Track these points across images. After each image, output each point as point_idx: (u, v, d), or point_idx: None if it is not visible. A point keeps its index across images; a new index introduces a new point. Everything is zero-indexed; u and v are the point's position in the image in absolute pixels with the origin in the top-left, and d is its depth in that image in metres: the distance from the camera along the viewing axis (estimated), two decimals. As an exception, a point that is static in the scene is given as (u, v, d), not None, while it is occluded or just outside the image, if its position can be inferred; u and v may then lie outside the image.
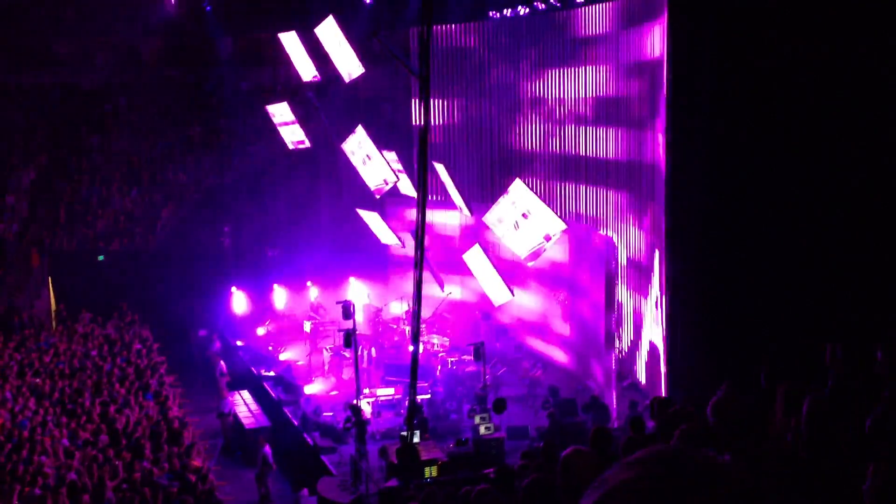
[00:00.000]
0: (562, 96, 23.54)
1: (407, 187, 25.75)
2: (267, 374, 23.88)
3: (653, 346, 19.03)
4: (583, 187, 23.06)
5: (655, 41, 18.29)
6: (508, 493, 8.64)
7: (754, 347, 15.12)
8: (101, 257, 30.23)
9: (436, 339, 24.13)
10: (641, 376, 20.44)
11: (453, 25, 26.36)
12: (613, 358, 20.05)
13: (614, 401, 19.55)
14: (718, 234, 15.91)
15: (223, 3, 31.52)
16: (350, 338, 19.33)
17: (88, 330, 26.24)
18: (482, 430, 17.55)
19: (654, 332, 18.90)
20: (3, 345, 24.63)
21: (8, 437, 18.05)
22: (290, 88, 28.61)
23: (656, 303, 18.36)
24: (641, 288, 20.27)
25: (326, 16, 23.86)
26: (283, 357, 24.85)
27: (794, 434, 6.79)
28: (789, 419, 7.12)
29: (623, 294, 21.53)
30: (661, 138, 17.79)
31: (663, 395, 16.82)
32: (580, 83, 22.83)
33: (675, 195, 16.76)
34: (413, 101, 28.30)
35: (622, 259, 21.30)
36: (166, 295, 27.74)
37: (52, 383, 21.40)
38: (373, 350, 23.12)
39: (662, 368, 17.59)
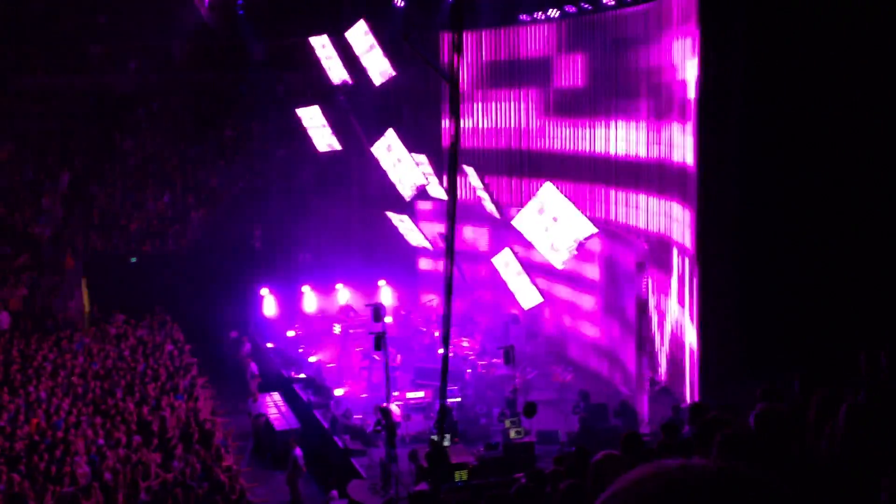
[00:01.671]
0: (593, 99, 23.43)
1: (437, 190, 25.76)
2: (297, 376, 23.95)
3: (685, 351, 18.88)
4: (613, 190, 22.93)
5: (686, 44, 18.15)
6: (540, 499, 8.60)
7: (788, 352, 14.98)
8: (133, 259, 30.51)
9: (465, 343, 24.09)
10: (673, 381, 20.27)
11: (484, 30, 26.33)
12: (645, 362, 19.90)
13: (646, 405, 19.42)
14: (751, 236, 15.78)
15: (255, 6, 31.73)
16: (380, 340, 19.32)
17: (122, 331, 26.48)
18: (512, 434, 17.48)
19: (686, 336, 18.75)
20: (37, 346, 24.92)
21: (42, 437, 18.26)
22: (321, 92, 28.70)
23: (689, 306, 18.21)
24: (674, 291, 20.12)
25: (358, 19, 23.94)
26: (313, 359, 24.92)
27: (829, 442, 6.70)
28: (823, 427, 7.02)
29: (654, 297, 21.37)
30: (692, 139, 17.66)
31: (696, 399, 16.69)
32: (611, 86, 22.71)
33: (707, 197, 16.64)
34: (443, 104, 28.33)
35: (653, 262, 21.14)
36: (198, 297, 27.94)
37: (86, 384, 21.61)
38: (398, 357, 23.05)
39: (694, 373, 17.45)
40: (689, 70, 17.94)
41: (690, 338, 18.02)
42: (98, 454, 17.30)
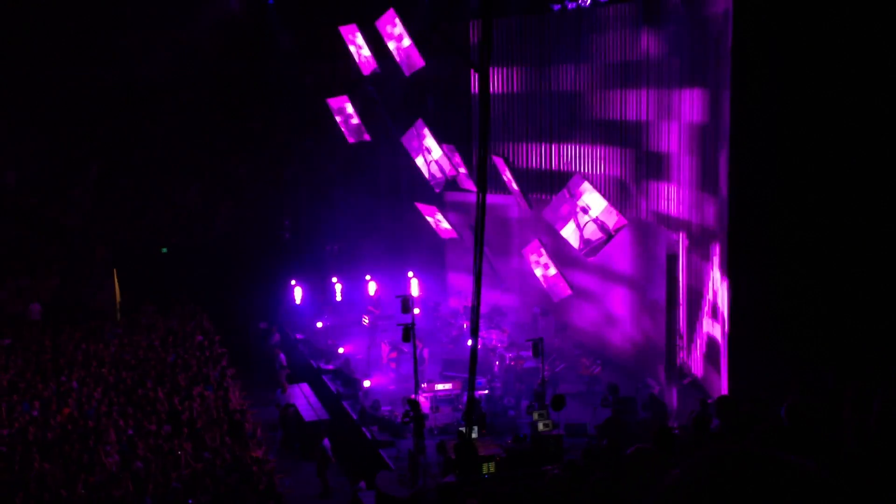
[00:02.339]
0: (624, 88, 23.20)
1: (466, 180, 25.66)
2: (326, 367, 24.00)
3: (715, 344, 18.68)
4: (644, 182, 22.71)
5: (719, 35, 17.90)
6: (571, 490, 8.52)
7: (819, 345, 14.78)
8: (164, 250, 30.70)
9: (494, 335, 24.02)
10: (702, 374, 20.08)
11: (514, 17, 26.16)
12: (674, 355, 19.72)
13: (675, 398, 19.25)
14: (782, 228, 15.57)
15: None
16: (409, 332, 19.28)
17: (152, 321, 26.66)
18: (540, 426, 17.39)
19: (715, 329, 18.55)
20: (69, 336, 25.14)
21: (74, 426, 18.41)
22: (350, 82, 28.67)
23: (718, 300, 18.01)
24: (703, 284, 19.91)
25: (387, 9, 23.86)
26: (341, 350, 24.96)
27: (862, 435, 6.57)
28: (856, 420, 6.88)
29: (685, 290, 21.16)
30: (722, 130, 17.42)
31: (725, 392, 16.51)
32: (641, 75, 22.48)
33: (738, 188, 16.42)
34: (472, 94, 28.20)
35: (684, 254, 20.92)
36: (227, 287, 28.09)
37: (117, 374, 21.77)
38: (425, 351, 23.00)
39: (724, 366, 17.26)
40: (721, 59, 17.72)
41: (719, 331, 17.83)
42: (129, 443, 17.42)
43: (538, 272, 22.54)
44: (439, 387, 20.74)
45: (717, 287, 18.29)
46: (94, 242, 30.43)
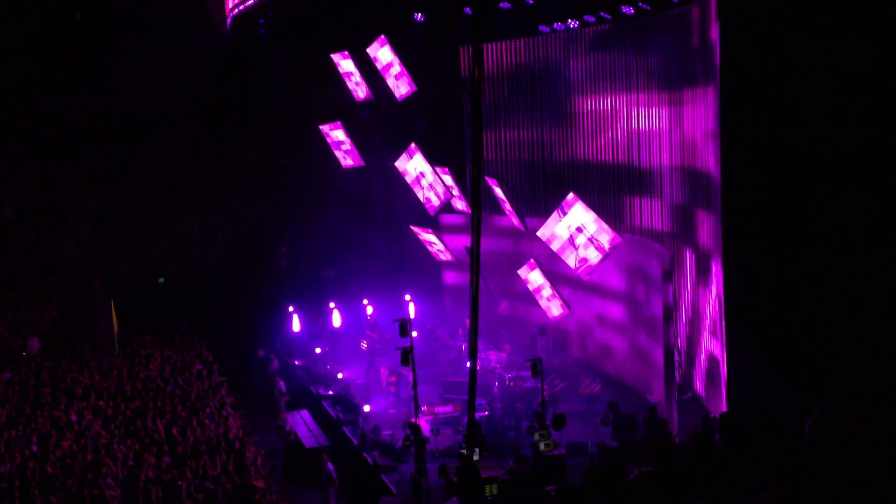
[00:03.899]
0: (615, 107, 23.35)
1: (461, 203, 25.75)
2: (325, 393, 23.97)
3: (713, 359, 18.71)
4: (637, 199, 22.82)
5: (708, 49, 18.06)
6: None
7: (817, 358, 14.80)
8: (161, 280, 30.72)
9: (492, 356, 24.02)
10: (702, 389, 20.10)
11: (504, 42, 26.33)
12: (673, 371, 19.74)
13: (675, 415, 19.25)
14: (777, 242, 15.63)
15: (276, 24, 31.90)
16: (408, 355, 19.27)
17: (150, 352, 26.63)
18: (542, 446, 17.37)
19: (713, 344, 18.58)
20: (67, 368, 25.08)
21: (73, 459, 18.36)
22: (344, 108, 28.81)
23: (715, 314, 18.05)
24: (700, 299, 19.97)
25: (378, 35, 24.01)
26: (340, 376, 24.93)
27: (867, 445, 6.60)
28: (864, 432, 6.91)
29: (681, 306, 21.22)
30: (714, 145, 17.53)
31: (724, 408, 16.53)
32: (632, 93, 22.63)
33: (731, 203, 16.48)
34: (465, 117, 28.33)
35: (679, 270, 21.00)
36: (225, 315, 28.08)
37: (116, 406, 21.72)
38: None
39: (723, 381, 17.28)
40: (709, 73, 17.86)
41: (717, 345, 17.86)
42: (129, 476, 17.37)
43: (534, 291, 22.58)
44: (439, 409, 20.72)
45: (714, 301, 18.34)
46: (91, 274, 30.44)
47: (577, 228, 20.00)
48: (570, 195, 20.74)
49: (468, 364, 17.48)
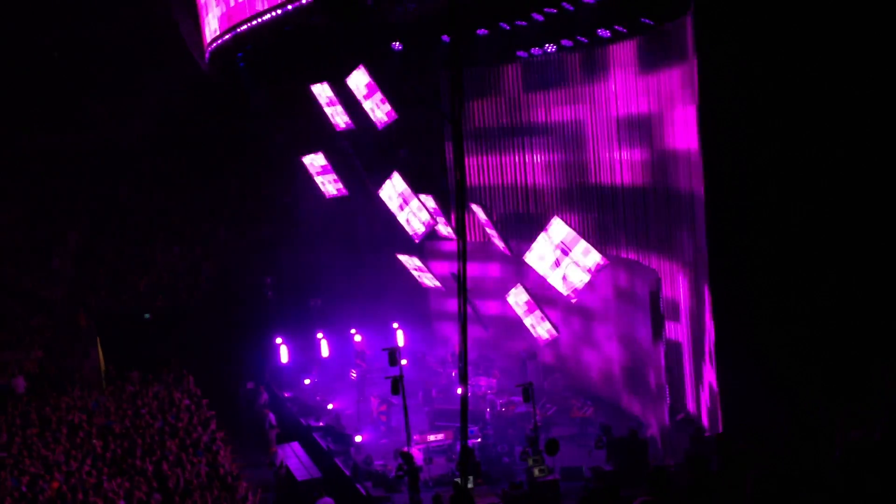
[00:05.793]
0: (595, 130, 23.51)
1: (445, 229, 25.80)
2: (316, 424, 23.84)
3: (705, 378, 18.75)
4: (622, 219, 22.92)
5: (684, 72, 18.23)
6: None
7: (807, 375, 14.86)
8: (146, 315, 30.58)
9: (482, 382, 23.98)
10: (695, 410, 20.12)
11: (482, 67, 26.50)
12: (665, 392, 19.76)
13: (663, 437, 19.24)
14: (762, 258, 15.71)
15: (254, 56, 32.02)
16: (398, 384, 19.23)
17: (138, 388, 26.44)
18: (536, 472, 17.33)
19: (704, 363, 18.63)
20: (54, 407, 24.87)
21: (63, 500, 18.16)
22: (325, 138, 28.88)
23: (705, 333, 18.11)
24: (689, 318, 20.03)
25: (357, 65, 24.12)
26: (330, 406, 24.81)
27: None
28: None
29: (670, 326, 21.27)
30: (696, 162, 17.62)
31: (719, 429, 16.54)
32: (611, 116, 22.79)
33: (715, 221, 16.57)
34: (446, 143, 28.44)
35: (667, 290, 21.06)
36: (212, 349, 27.94)
37: (105, 443, 21.54)
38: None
39: (714, 401, 17.30)
40: (686, 93, 18.01)
41: (709, 365, 17.90)
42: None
43: (522, 316, 22.62)
44: (431, 437, 20.64)
45: (703, 319, 18.40)
46: (76, 311, 30.26)
47: (562, 251, 20.08)
48: (555, 218, 20.85)
49: (459, 390, 17.44)
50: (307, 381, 26.82)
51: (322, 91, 26.28)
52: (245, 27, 23.85)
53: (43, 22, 35.51)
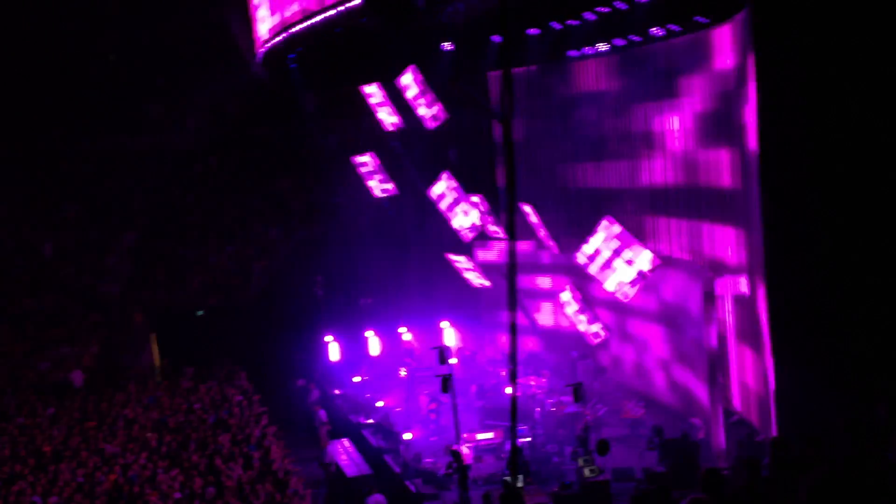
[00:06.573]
0: (648, 129, 23.34)
1: (495, 230, 25.82)
2: (366, 421, 23.98)
3: (760, 381, 18.52)
4: (675, 220, 22.73)
5: (745, 66, 18.03)
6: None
7: (866, 378, 14.59)
8: (200, 313, 31.01)
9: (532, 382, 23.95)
10: (748, 411, 19.88)
11: (533, 67, 26.46)
12: (718, 393, 19.56)
13: (722, 438, 19.05)
14: (820, 260, 15.46)
15: (306, 59, 32.32)
16: (447, 383, 19.28)
17: (192, 384, 26.84)
18: (586, 472, 17.25)
19: (760, 365, 18.40)
20: (111, 401, 25.36)
21: (119, 492, 18.50)
22: (375, 139, 29.07)
23: (762, 335, 17.88)
24: (745, 320, 19.80)
25: (407, 66, 24.24)
26: (380, 404, 24.96)
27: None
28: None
29: (725, 327, 21.04)
30: (753, 162, 17.41)
31: (773, 432, 16.34)
32: (665, 115, 22.61)
33: (773, 220, 16.34)
34: (496, 143, 28.46)
35: (723, 290, 20.82)
36: (264, 347, 28.25)
37: (160, 437, 21.90)
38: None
39: (773, 404, 17.07)
40: (743, 89, 17.81)
41: (765, 367, 17.68)
42: (177, 507, 17.47)
43: (572, 315, 22.56)
44: (481, 436, 20.67)
45: (760, 321, 18.18)
46: (131, 308, 30.81)
47: (614, 251, 19.98)
48: (606, 219, 20.73)
49: (508, 390, 17.44)
50: (357, 379, 27.00)
51: (373, 92, 26.46)
52: (296, 29, 24.08)
53: (99, 25, 36.22)
